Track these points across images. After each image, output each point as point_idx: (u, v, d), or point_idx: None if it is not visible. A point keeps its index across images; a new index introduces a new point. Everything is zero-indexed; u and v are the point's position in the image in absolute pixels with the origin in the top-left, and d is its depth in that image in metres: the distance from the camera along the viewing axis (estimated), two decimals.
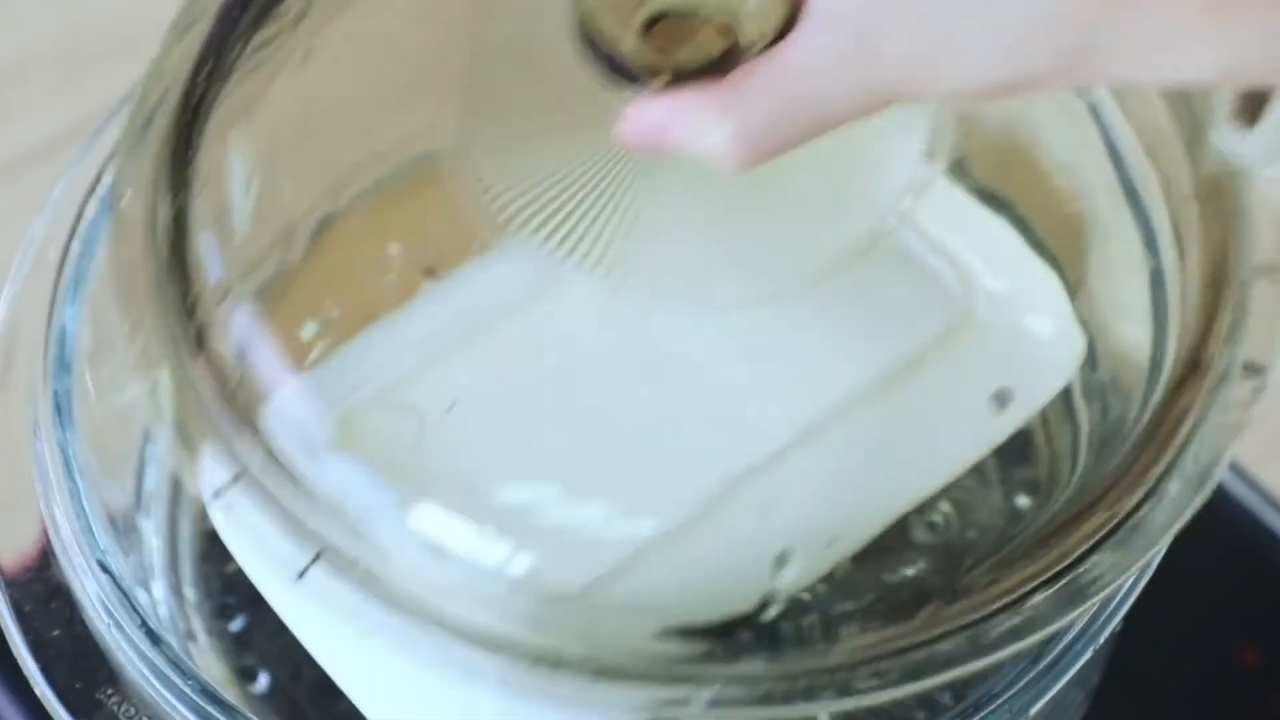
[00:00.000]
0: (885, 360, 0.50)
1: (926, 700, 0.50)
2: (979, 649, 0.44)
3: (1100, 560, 0.45)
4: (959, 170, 0.57)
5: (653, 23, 0.45)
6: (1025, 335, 0.51)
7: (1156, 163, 0.50)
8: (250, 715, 0.49)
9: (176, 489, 0.55)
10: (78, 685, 0.47)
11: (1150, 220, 0.50)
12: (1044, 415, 0.54)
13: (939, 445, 0.50)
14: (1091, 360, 0.53)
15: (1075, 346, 0.52)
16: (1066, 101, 0.52)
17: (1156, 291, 0.49)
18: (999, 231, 0.53)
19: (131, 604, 0.47)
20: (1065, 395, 0.54)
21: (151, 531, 0.53)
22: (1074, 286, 0.54)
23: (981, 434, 0.51)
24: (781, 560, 0.48)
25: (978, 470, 0.53)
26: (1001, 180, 0.57)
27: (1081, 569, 0.45)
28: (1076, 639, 0.45)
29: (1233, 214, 0.49)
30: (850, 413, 0.50)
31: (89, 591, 0.47)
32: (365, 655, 0.48)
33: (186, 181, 0.49)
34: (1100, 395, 0.53)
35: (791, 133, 0.41)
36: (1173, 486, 0.46)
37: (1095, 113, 0.52)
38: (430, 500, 0.47)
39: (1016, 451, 0.54)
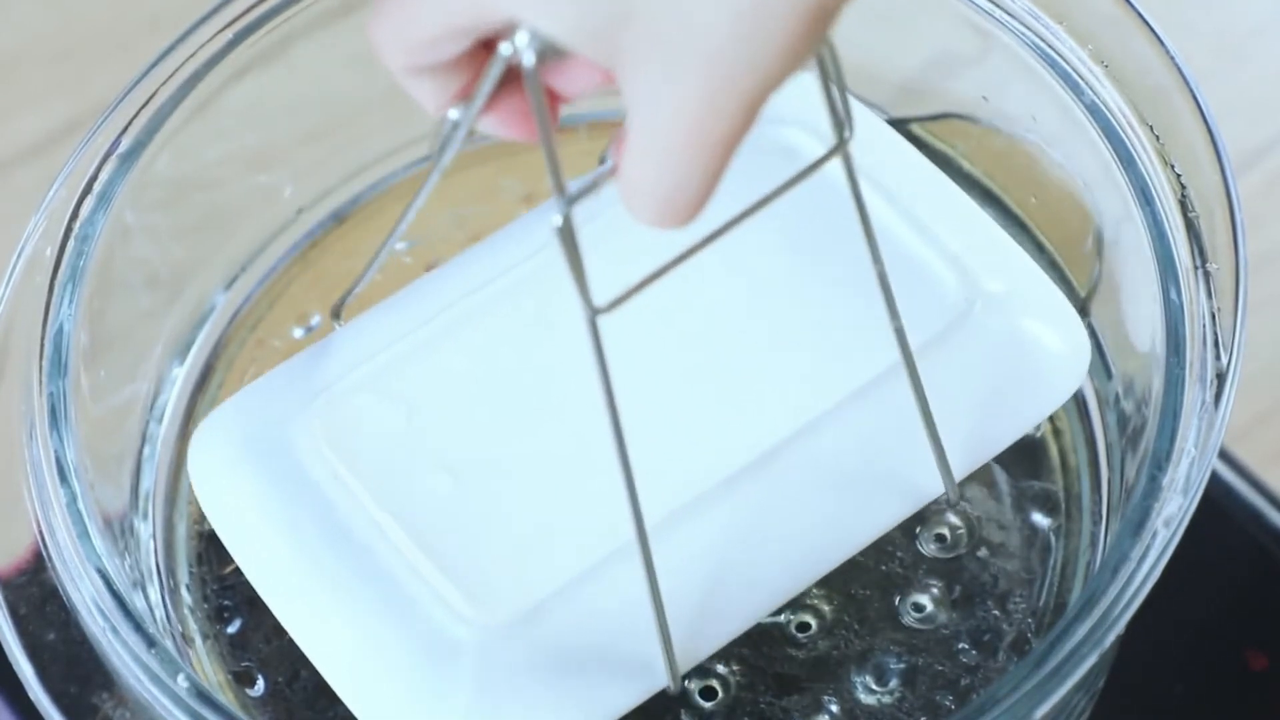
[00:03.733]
0: (883, 362, 0.50)
1: (929, 704, 0.50)
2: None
3: None
4: (959, 171, 0.56)
5: None
6: (1027, 338, 0.51)
7: (1171, 167, 0.50)
8: (246, 719, 0.49)
9: (173, 491, 0.55)
10: (73, 689, 0.47)
11: (1163, 225, 0.50)
12: (1055, 426, 0.54)
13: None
14: (1105, 369, 0.53)
15: (1082, 352, 0.51)
16: (1062, 101, 0.52)
17: (1170, 298, 0.49)
18: (999, 233, 0.53)
19: (127, 607, 0.47)
20: (1080, 405, 0.54)
21: (148, 534, 0.53)
22: (1085, 292, 0.54)
23: (983, 439, 0.50)
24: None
25: (988, 482, 0.53)
26: (1002, 181, 0.56)
27: None
28: (1081, 643, 0.45)
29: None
30: (848, 414, 0.49)
31: (84, 595, 0.47)
32: (361, 659, 0.48)
33: None
34: (1116, 406, 0.53)
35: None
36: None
37: (1093, 114, 0.51)
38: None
39: (1028, 464, 0.53)
